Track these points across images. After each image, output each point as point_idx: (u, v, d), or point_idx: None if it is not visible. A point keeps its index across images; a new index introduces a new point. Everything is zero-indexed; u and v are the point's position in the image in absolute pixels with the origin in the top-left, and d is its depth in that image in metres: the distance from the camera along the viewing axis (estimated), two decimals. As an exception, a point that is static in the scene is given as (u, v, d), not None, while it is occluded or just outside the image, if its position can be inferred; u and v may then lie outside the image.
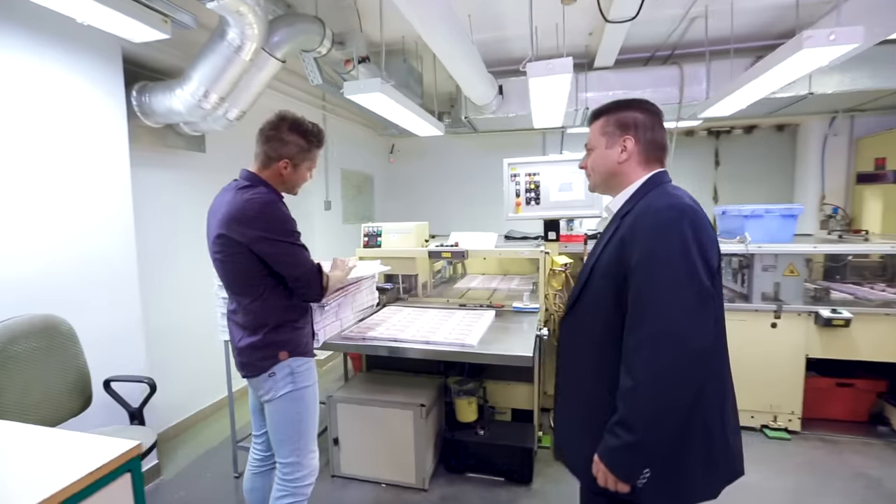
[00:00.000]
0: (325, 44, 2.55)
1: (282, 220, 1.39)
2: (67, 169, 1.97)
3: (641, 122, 1.07)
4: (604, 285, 1.04)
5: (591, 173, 1.18)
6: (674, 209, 0.96)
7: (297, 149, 1.49)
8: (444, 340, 1.99)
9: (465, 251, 2.61)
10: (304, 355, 1.52)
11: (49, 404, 1.71)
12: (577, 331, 1.14)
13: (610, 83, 3.59)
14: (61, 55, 1.94)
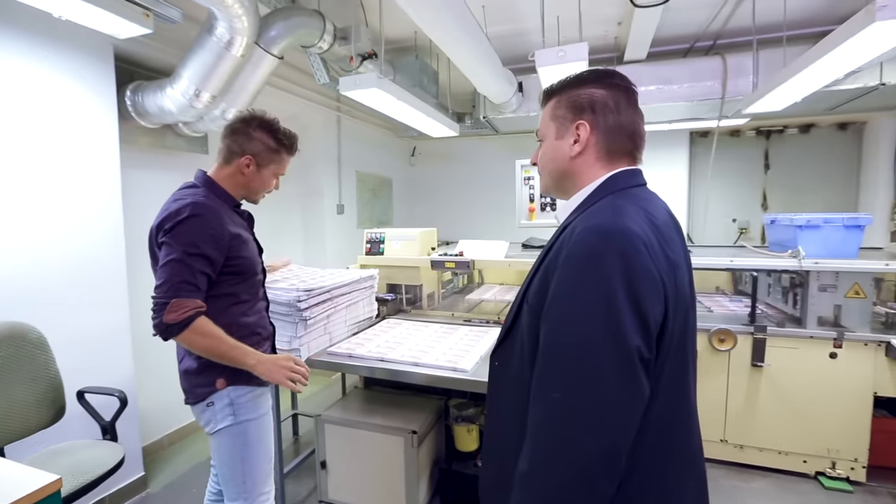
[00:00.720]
0: (326, 39, 2.41)
1: (191, 233, 1.19)
2: (50, 167, 1.91)
3: (602, 101, 0.80)
4: (528, 324, 0.78)
5: (541, 171, 0.91)
6: (598, 234, 0.69)
7: (264, 147, 1.35)
8: (434, 363, 1.78)
9: (470, 261, 2.39)
10: (248, 384, 1.33)
11: (15, 416, 1.63)
12: (504, 373, 0.87)
13: (642, 78, 3.26)
14: (48, 53, 1.89)
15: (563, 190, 0.88)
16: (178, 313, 1.14)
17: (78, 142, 2.01)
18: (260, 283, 1.44)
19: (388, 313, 2.59)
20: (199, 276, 1.19)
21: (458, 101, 4.40)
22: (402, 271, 2.63)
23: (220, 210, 1.27)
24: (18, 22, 1.80)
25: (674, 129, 4.04)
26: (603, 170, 0.82)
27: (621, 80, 0.83)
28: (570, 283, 0.68)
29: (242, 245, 1.31)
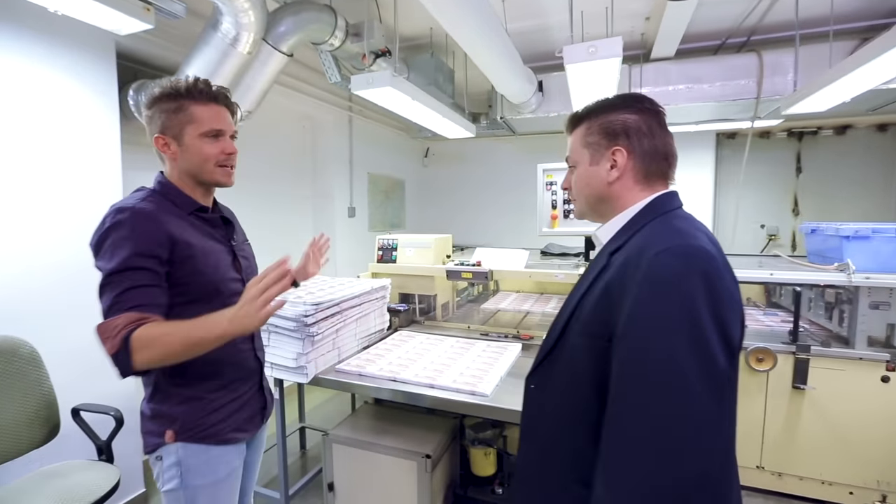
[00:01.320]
0: (338, 35, 2.29)
1: (115, 245, 0.95)
2: (46, 170, 1.82)
3: (635, 127, 0.82)
4: (581, 346, 0.78)
5: (576, 197, 0.92)
6: (679, 256, 0.68)
7: (166, 115, 1.04)
8: (450, 385, 1.64)
9: (488, 272, 2.24)
10: (203, 441, 1.07)
11: (6, 436, 1.54)
12: (544, 397, 0.86)
13: (670, 76, 3.09)
14: (47, 51, 1.80)
15: (601, 214, 0.89)
16: (112, 339, 0.89)
17: (77, 142, 1.91)
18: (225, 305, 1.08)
19: (401, 325, 2.46)
20: (136, 291, 0.94)
21: (474, 101, 4.26)
22: (415, 280, 2.50)
23: (162, 215, 1.01)
24: (15, 19, 1.71)
25: (700, 130, 3.84)
26: (642, 192, 0.83)
27: (650, 104, 0.84)
28: (653, 304, 0.67)
29: (195, 257, 1.04)
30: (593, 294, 0.77)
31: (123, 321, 0.91)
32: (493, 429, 2.06)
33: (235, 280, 1.16)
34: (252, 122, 2.98)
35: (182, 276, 1.02)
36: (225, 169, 1.13)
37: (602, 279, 0.77)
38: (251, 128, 3.02)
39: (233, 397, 1.14)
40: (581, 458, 0.76)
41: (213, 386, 1.11)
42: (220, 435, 1.11)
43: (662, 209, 0.80)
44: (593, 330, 0.75)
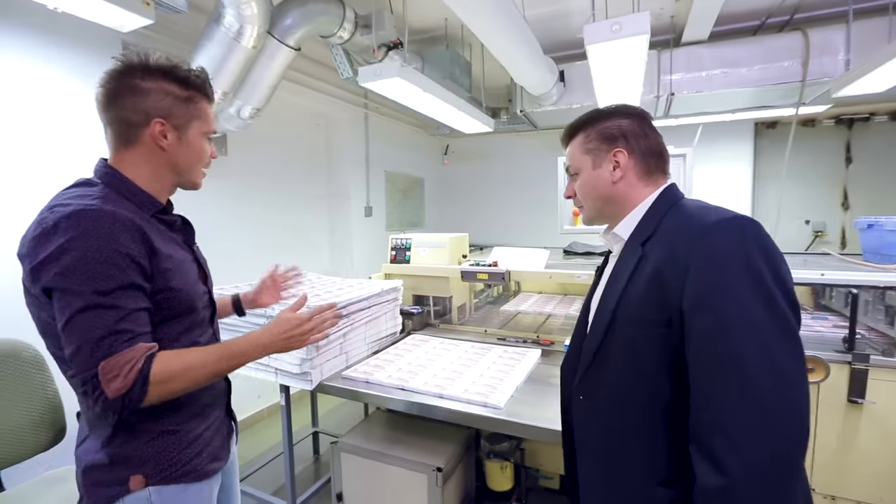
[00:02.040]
0: (347, 27, 2.21)
1: (94, 259, 0.78)
2: (52, 172, 1.80)
3: (630, 129, 0.89)
4: (637, 336, 0.78)
5: (583, 202, 0.95)
6: (730, 226, 0.72)
7: (172, 99, 0.90)
8: (461, 395, 1.52)
9: (504, 272, 2.11)
10: (180, 479, 0.93)
11: (10, 440, 1.51)
12: (601, 406, 0.85)
13: (703, 61, 2.86)
14: (51, 51, 1.78)
15: (609, 215, 0.92)
16: (123, 377, 0.77)
17: (83, 144, 1.89)
18: (203, 322, 1.01)
19: (414, 328, 2.35)
20: (136, 316, 0.81)
21: (493, 95, 4.12)
22: (429, 281, 2.39)
23: (134, 217, 0.84)
24: (20, 20, 1.69)
25: (737, 119, 3.58)
26: (647, 188, 0.88)
27: (634, 109, 0.91)
28: (721, 274, 0.69)
29: (173, 270, 0.90)
30: (638, 284, 0.78)
31: (137, 355, 0.79)
32: (510, 441, 1.92)
33: (204, 293, 1.02)
34: (264, 121, 2.94)
35: (160, 292, 0.88)
36: (204, 172, 1.02)
37: (644, 267, 0.79)
38: (263, 126, 2.98)
39: (206, 425, 1.01)
40: (657, 457, 0.77)
41: (186, 416, 0.96)
42: (199, 469, 0.97)
43: (675, 198, 0.85)
44: (649, 318, 0.76)
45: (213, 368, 0.88)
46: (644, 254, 0.80)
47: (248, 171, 2.92)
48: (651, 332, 0.76)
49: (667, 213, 0.82)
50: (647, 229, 0.83)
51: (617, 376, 0.81)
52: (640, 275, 0.79)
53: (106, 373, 0.77)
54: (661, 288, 0.74)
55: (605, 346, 0.83)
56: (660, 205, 0.85)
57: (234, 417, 1.17)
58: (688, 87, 2.93)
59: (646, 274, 0.77)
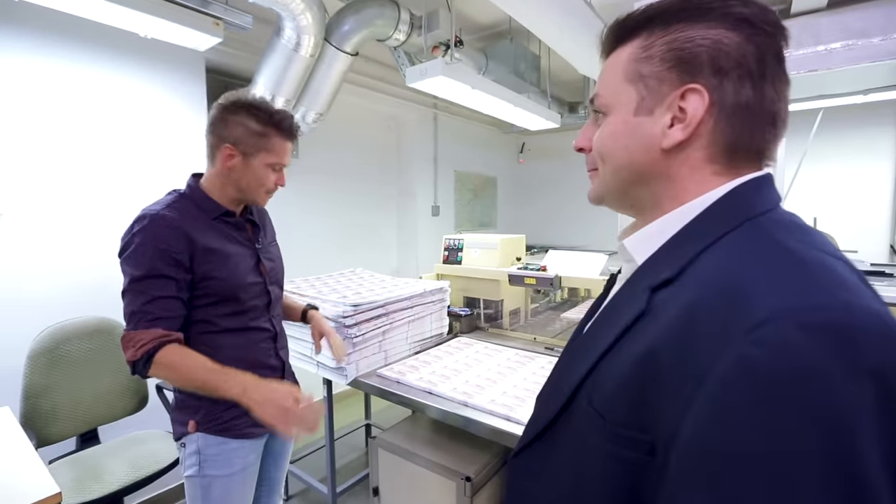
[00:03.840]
0: (402, 29, 2.23)
1: (139, 252, 1.02)
2: (145, 175, 2.08)
3: (734, 56, 0.44)
4: (600, 451, 0.44)
5: (601, 165, 0.53)
6: (831, 332, 0.32)
7: (246, 132, 1.09)
8: (485, 406, 1.45)
9: (553, 277, 1.97)
10: (219, 433, 1.13)
11: (102, 403, 1.79)
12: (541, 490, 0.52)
13: (820, 33, 2.39)
14: (148, 73, 2.06)
15: (634, 204, 0.53)
16: (134, 349, 0.99)
17: (172, 152, 2.16)
18: (256, 308, 1.20)
19: (462, 330, 2.31)
20: (160, 303, 1.02)
21: (569, 89, 3.90)
22: (479, 283, 2.34)
23: (183, 221, 1.06)
24: (123, 47, 1.98)
25: (871, 101, 2.93)
26: (716, 177, 0.47)
27: (767, 17, 0.44)
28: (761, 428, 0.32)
29: (217, 262, 1.10)
30: (622, 359, 0.44)
31: (149, 337, 1.00)
32: (549, 459, 1.79)
33: (256, 283, 1.20)
34: (334, 124, 3.12)
35: (202, 280, 1.08)
36: (269, 195, 1.20)
37: (639, 336, 0.43)
38: (333, 129, 3.16)
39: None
40: None
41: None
42: (238, 430, 1.15)
43: (749, 210, 0.44)
44: (621, 430, 0.42)
45: (201, 378, 1.01)
46: (650, 308, 0.44)
47: (318, 171, 3.12)
48: (618, 453, 0.42)
49: (727, 235, 0.43)
50: (674, 261, 0.45)
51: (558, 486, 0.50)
52: (630, 347, 0.43)
53: (124, 342, 1.01)
54: (650, 389, 0.40)
55: (554, 433, 0.51)
56: (721, 215, 0.45)
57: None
58: (799, 66, 2.46)
59: (636, 351, 0.42)
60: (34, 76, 1.78)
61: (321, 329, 1.47)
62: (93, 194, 1.94)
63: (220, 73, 2.45)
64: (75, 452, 1.72)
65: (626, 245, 0.52)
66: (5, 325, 1.72)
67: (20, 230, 1.76)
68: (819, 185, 3.47)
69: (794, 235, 0.41)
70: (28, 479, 1.06)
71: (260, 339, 1.22)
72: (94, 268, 1.96)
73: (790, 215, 0.45)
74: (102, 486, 1.51)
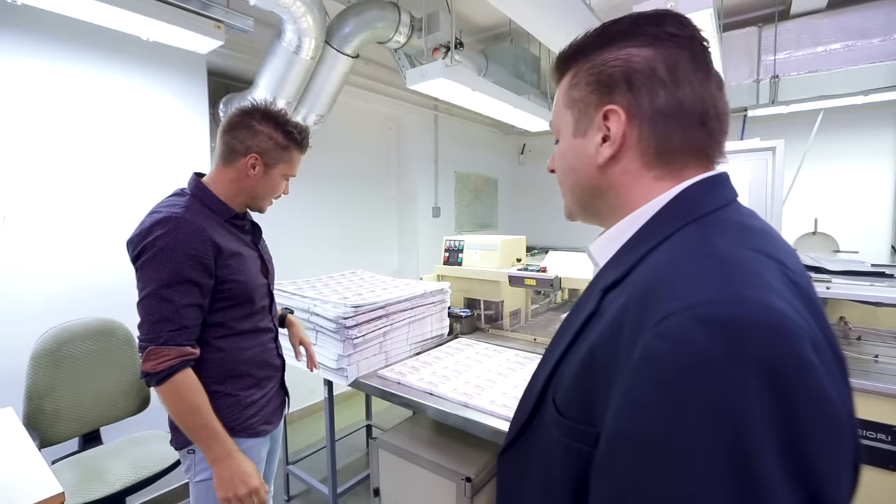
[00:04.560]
0: (402, 31, 2.25)
1: (166, 257, 0.99)
2: (146, 177, 2.09)
3: (643, 70, 0.48)
4: (557, 442, 0.48)
5: (560, 186, 0.60)
6: (715, 324, 0.35)
7: (272, 143, 1.13)
8: (486, 407, 1.46)
9: (554, 279, 1.98)
10: (238, 434, 1.12)
11: (104, 404, 1.80)
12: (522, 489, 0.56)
13: (820, 34, 2.40)
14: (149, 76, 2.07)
15: (594, 214, 0.58)
16: (156, 362, 0.98)
17: (174, 155, 2.17)
18: (263, 310, 1.23)
19: (463, 331, 2.32)
20: (185, 311, 1.00)
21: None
22: (480, 285, 2.35)
23: (205, 224, 1.06)
24: (126, 49, 1.99)
25: (871, 102, 2.93)
26: (659, 182, 0.50)
27: (678, 25, 0.49)
28: (659, 419, 0.35)
29: (238, 265, 1.12)
30: (574, 358, 0.48)
31: (177, 354, 1.00)
32: (550, 459, 1.80)
33: (263, 284, 1.23)
34: (335, 126, 3.13)
35: (224, 283, 1.09)
36: (273, 202, 1.25)
37: (587, 336, 0.47)
38: (336, 131, 3.17)
39: (262, 393, 1.21)
40: None
41: (246, 384, 1.18)
42: (253, 428, 1.18)
43: (697, 210, 0.46)
44: (573, 424, 0.46)
45: (192, 418, 1.02)
46: (600, 309, 0.48)
47: (319, 173, 3.13)
48: (570, 445, 0.46)
49: (672, 236, 0.46)
50: (622, 266, 0.48)
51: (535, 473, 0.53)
52: (580, 346, 0.48)
53: (148, 353, 0.99)
54: (593, 383, 0.44)
55: (530, 431, 0.54)
56: (669, 218, 0.48)
57: (287, 392, 1.38)
58: (798, 67, 2.48)
59: (585, 347, 0.46)
60: (37, 79, 1.79)
61: (301, 337, 1.51)
62: (95, 197, 1.95)
63: (221, 76, 2.46)
64: (78, 453, 1.73)
65: (590, 250, 0.57)
66: (8, 327, 1.73)
67: (23, 233, 1.77)
68: (820, 186, 3.47)
69: (729, 235, 0.43)
70: (31, 479, 1.07)
71: (266, 339, 1.26)
72: (96, 270, 1.97)
73: (740, 214, 0.47)
74: (105, 486, 1.52)
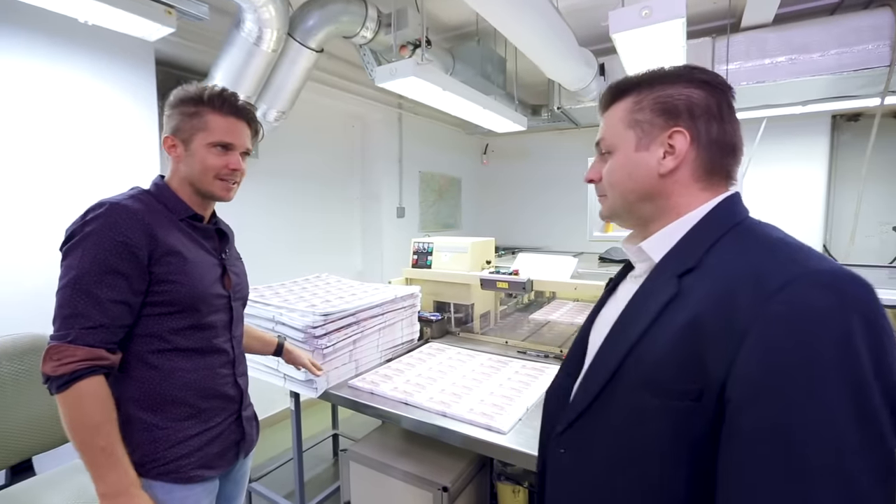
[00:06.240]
0: (369, 26, 2.16)
1: (92, 243, 0.88)
2: (85, 175, 1.90)
3: (703, 105, 0.64)
4: (648, 406, 0.58)
5: (609, 191, 0.71)
6: (826, 285, 0.50)
7: (182, 117, 1.01)
8: (465, 416, 1.42)
9: (526, 282, 1.98)
10: (161, 477, 0.94)
11: (37, 429, 1.61)
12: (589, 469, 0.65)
13: (767, 47, 2.55)
14: (88, 63, 1.88)
15: (640, 217, 0.70)
16: (57, 363, 0.84)
17: (117, 151, 1.98)
18: (216, 326, 1.05)
19: (433, 335, 2.28)
20: (107, 307, 0.87)
21: (533, 92, 3.95)
22: (450, 288, 2.31)
23: (148, 217, 0.94)
24: (55, 31, 1.79)
25: (809, 112, 3.17)
26: (702, 193, 0.65)
27: (719, 79, 0.66)
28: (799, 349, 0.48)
29: (179, 265, 0.96)
30: (664, 333, 0.57)
31: (83, 356, 0.86)
32: (525, 463, 1.79)
33: (221, 296, 1.07)
34: (296, 123, 2.99)
35: (159, 284, 0.95)
36: (224, 183, 1.05)
37: (677, 311, 0.57)
38: (295, 128, 3.03)
39: (202, 429, 1.02)
40: None
41: (181, 414, 0.99)
42: (181, 472, 0.97)
43: (738, 216, 0.62)
44: (669, 385, 0.56)
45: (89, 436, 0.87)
46: (681, 291, 0.58)
47: (278, 173, 2.98)
48: (667, 405, 0.56)
49: (724, 236, 0.60)
50: (691, 255, 0.60)
51: (610, 448, 0.62)
52: (670, 321, 0.57)
53: (50, 352, 0.87)
54: (698, 348, 0.54)
55: (600, 406, 0.63)
56: (715, 221, 0.62)
57: (251, 427, 1.17)
58: (747, 77, 2.62)
59: (678, 322, 0.56)
60: (-51, 63, 1.57)
61: (301, 363, 1.51)
62: (24, 195, 1.74)
63: (171, 66, 2.28)
64: (5, 488, 1.53)
65: (643, 247, 0.67)
66: (-84, 347, 1.51)
67: (-66, 238, 1.55)
68: (762, 188, 3.71)
69: (771, 231, 0.60)
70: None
71: (217, 362, 1.06)
72: (23, 279, 1.76)
73: (757, 220, 0.63)
74: (41, 524, 1.35)
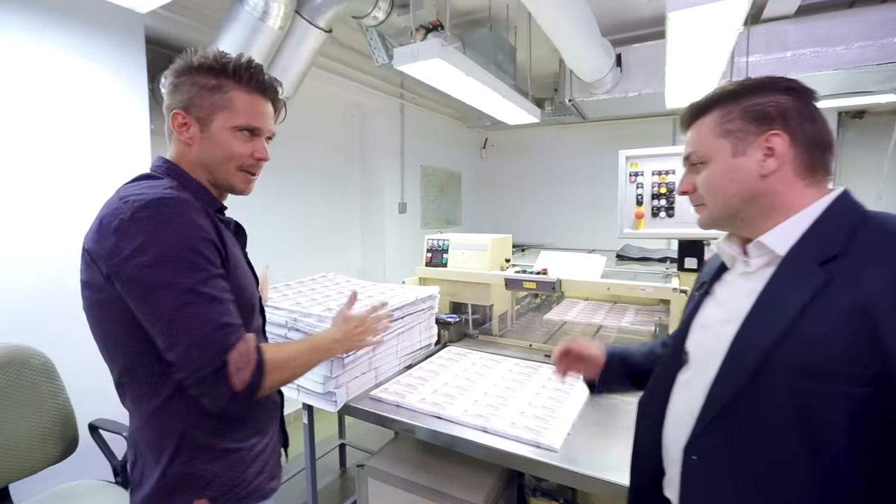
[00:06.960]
0: (382, 6, 2.00)
1: (180, 240, 0.73)
2: (68, 165, 1.70)
3: (793, 109, 0.66)
4: (815, 393, 0.58)
5: (710, 199, 0.74)
6: None
7: (198, 91, 0.83)
8: (508, 431, 1.29)
9: (555, 281, 1.86)
10: (244, 500, 0.87)
11: (13, 454, 1.41)
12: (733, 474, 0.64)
13: (788, 40, 2.48)
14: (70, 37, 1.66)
15: (744, 219, 0.72)
16: (247, 368, 0.76)
17: (103, 134, 1.78)
18: (259, 329, 0.97)
19: (451, 339, 2.14)
20: (232, 307, 0.79)
21: (537, 85, 3.83)
22: (468, 288, 2.17)
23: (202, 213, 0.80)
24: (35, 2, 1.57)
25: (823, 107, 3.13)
26: (809, 189, 0.68)
27: (801, 85, 0.69)
28: None
29: (237, 270, 0.86)
30: (822, 320, 0.59)
31: (252, 344, 0.79)
32: (560, 477, 1.67)
33: (257, 299, 0.97)
34: (294, 111, 2.79)
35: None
36: (246, 175, 0.91)
37: (833, 298, 0.59)
38: (293, 116, 2.83)
39: (266, 442, 0.95)
40: None
41: (248, 433, 0.90)
42: (261, 489, 0.91)
43: (859, 209, 0.65)
44: (838, 370, 0.57)
45: (308, 359, 0.93)
46: (832, 278, 0.60)
47: (275, 165, 2.78)
48: (837, 390, 0.57)
49: (859, 226, 0.62)
50: (829, 244, 0.62)
51: (766, 443, 0.62)
52: (827, 308, 0.59)
53: (235, 364, 0.75)
54: (870, 331, 0.55)
55: (747, 400, 0.63)
56: (843, 214, 0.65)
57: (286, 431, 1.10)
58: (768, 69, 2.55)
59: (840, 308, 0.58)
60: None
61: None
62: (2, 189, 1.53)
63: (163, 45, 2.06)
64: (-22, 520, 1.34)
65: (763, 241, 0.68)
66: None
67: None
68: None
69: None
70: None
71: None
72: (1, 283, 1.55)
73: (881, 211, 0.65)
74: (21, 564, 1.17)
